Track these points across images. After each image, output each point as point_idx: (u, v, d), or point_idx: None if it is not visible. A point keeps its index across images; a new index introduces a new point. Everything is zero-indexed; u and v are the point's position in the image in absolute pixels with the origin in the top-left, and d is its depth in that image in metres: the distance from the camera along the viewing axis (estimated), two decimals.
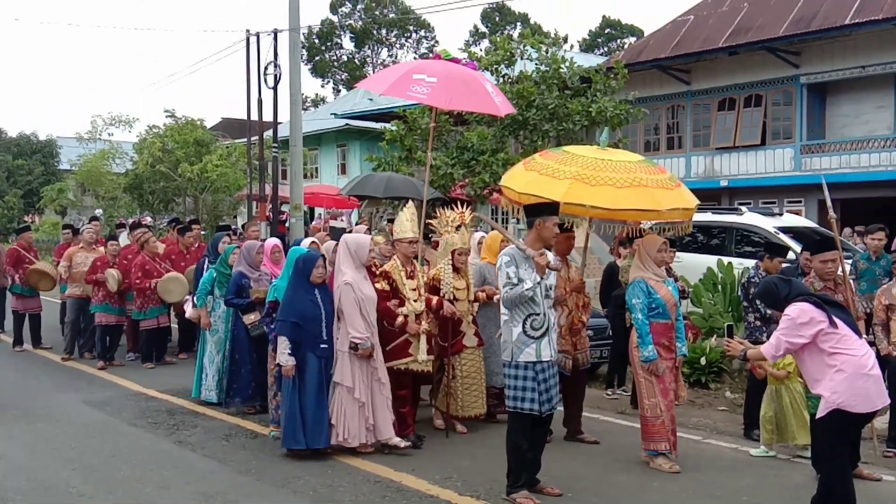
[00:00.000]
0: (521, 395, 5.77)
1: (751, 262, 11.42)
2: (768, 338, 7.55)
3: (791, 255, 11.09)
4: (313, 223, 21.34)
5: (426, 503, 5.90)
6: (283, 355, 6.82)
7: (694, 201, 6.89)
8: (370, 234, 9.17)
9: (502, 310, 5.90)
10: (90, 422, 8.28)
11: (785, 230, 13.00)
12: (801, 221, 15.27)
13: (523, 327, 5.76)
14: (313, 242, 8.66)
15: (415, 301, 7.26)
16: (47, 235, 28.96)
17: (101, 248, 11.91)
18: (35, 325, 12.65)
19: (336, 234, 14.33)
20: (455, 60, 8.91)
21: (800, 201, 22.64)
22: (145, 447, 7.36)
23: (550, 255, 5.95)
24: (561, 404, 7.28)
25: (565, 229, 7.27)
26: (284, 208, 19.49)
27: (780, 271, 8.09)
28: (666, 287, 6.77)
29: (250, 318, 8.08)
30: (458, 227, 7.72)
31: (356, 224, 18.59)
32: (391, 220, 14.94)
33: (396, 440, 7.01)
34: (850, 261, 10.10)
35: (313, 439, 6.81)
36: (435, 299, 7.41)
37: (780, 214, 15.05)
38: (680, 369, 7.02)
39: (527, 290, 5.68)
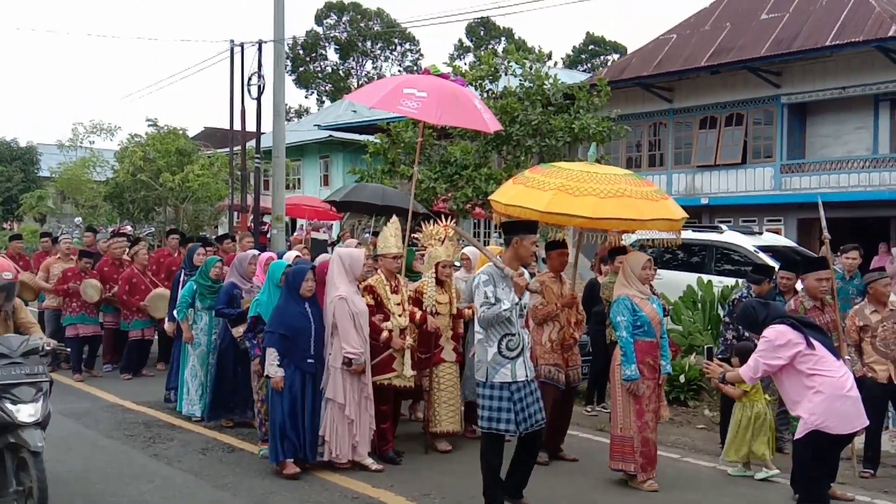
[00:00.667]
0: (496, 415, 5.70)
1: (730, 281, 11.54)
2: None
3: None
4: (295, 234, 21.28)
5: None
6: (272, 367, 6.71)
7: (680, 213, 6.88)
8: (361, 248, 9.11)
9: (476, 328, 5.84)
10: (66, 433, 8.18)
11: (764, 249, 13.09)
12: (780, 240, 15.39)
13: (499, 347, 5.70)
14: (297, 256, 8.60)
15: (399, 316, 7.20)
16: (26, 243, 28.60)
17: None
18: None
19: (316, 246, 14.27)
20: (444, 76, 8.91)
21: (779, 220, 22.80)
22: (121, 460, 7.28)
23: (527, 275, 5.91)
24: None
25: (556, 245, 7.28)
26: (266, 219, 19.44)
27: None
28: (650, 305, 6.73)
29: (240, 329, 7.87)
30: (442, 241, 7.67)
31: (338, 236, 18.56)
32: (375, 234, 14.93)
33: (369, 461, 6.96)
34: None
35: (300, 452, 6.74)
36: (419, 313, 7.35)
37: (760, 233, 15.17)
38: (663, 388, 7.00)
39: (504, 310, 5.62)
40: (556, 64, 50.22)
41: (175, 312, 9.04)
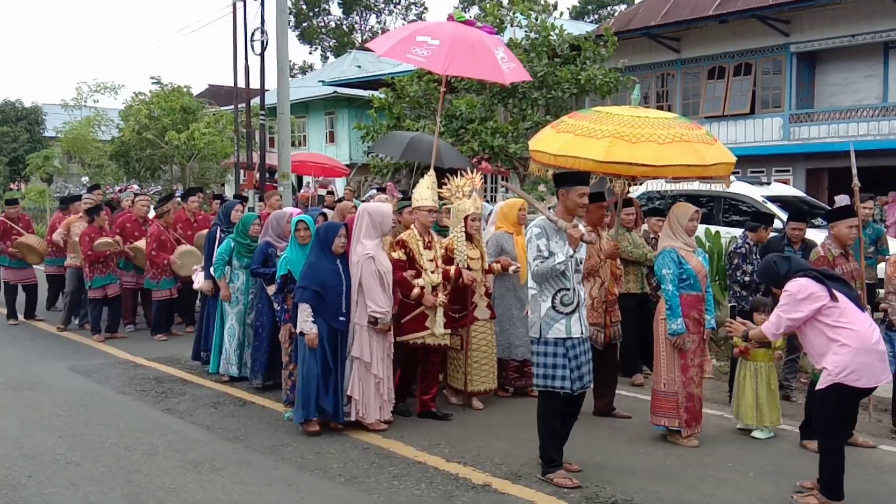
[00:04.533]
0: (551, 372, 5.53)
1: (738, 231, 11.48)
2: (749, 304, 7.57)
3: (777, 224, 11.14)
4: (301, 191, 21.23)
5: (413, 469, 5.93)
6: (307, 323, 6.53)
7: (733, 157, 6.56)
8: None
9: (530, 284, 5.65)
10: (78, 390, 8.27)
11: (773, 199, 13.04)
12: (788, 191, 15.32)
13: (552, 303, 5.51)
14: (353, 207, 8.28)
15: (431, 272, 6.99)
16: (33, 203, 28.75)
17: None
18: (31, 296, 12.33)
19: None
20: (469, 23, 8.61)
21: (788, 170, 22.68)
22: (133, 415, 7.36)
23: (583, 228, 5.67)
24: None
25: (594, 198, 6.78)
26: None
27: (766, 242, 8.11)
28: (697, 257, 6.51)
29: (273, 288, 7.72)
30: (468, 194, 7.39)
31: (346, 190, 18.53)
32: (380, 189, 14.86)
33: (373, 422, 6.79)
34: None
35: (335, 413, 6.64)
36: (453, 269, 7.11)
37: (769, 183, 15.11)
38: (707, 342, 6.81)
39: (559, 263, 5.41)
40: (561, 14, 49.59)
41: (212, 270, 8.74)
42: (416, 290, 6.89)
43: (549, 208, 5.94)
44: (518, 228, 7.82)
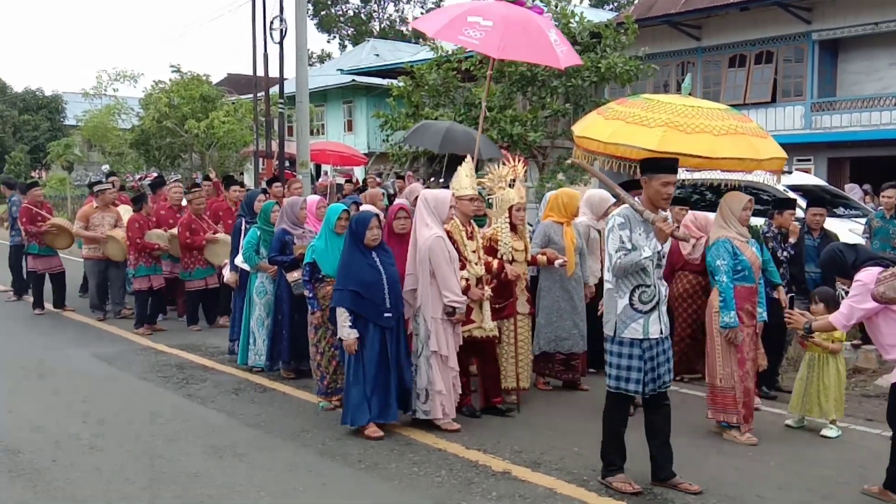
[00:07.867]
0: (624, 374, 5.18)
1: (760, 220, 11.42)
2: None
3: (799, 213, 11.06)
4: (319, 180, 21.27)
5: (433, 456, 5.95)
6: (344, 329, 6.24)
7: (784, 152, 6.36)
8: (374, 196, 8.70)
9: (607, 277, 5.29)
10: (100, 376, 8.36)
11: (794, 188, 12.94)
12: (810, 180, 15.19)
13: (630, 300, 5.12)
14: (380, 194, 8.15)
15: (475, 264, 6.74)
16: (54, 191, 28.99)
17: (118, 208, 11.77)
18: (59, 285, 12.22)
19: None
20: (519, 3, 8.38)
21: (809, 159, 22.49)
22: (155, 401, 7.43)
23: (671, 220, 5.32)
24: None
25: (631, 186, 6.57)
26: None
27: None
28: (751, 248, 6.32)
29: (294, 275, 7.72)
30: (511, 183, 7.14)
31: (363, 181, 18.54)
32: (399, 177, 14.85)
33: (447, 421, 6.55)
34: (864, 219, 10.11)
35: (381, 414, 6.36)
36: (496, 262, 6.88)
37: (790, 172, 14.96)
38: (760, 335, 6.65)
39: (644, 258, 5.03)
40: (581, 2, 49.24)
41: (242, 263, 8.65)
42: (462, 283, 6.59)
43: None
44: (569, 220, 7.63)
